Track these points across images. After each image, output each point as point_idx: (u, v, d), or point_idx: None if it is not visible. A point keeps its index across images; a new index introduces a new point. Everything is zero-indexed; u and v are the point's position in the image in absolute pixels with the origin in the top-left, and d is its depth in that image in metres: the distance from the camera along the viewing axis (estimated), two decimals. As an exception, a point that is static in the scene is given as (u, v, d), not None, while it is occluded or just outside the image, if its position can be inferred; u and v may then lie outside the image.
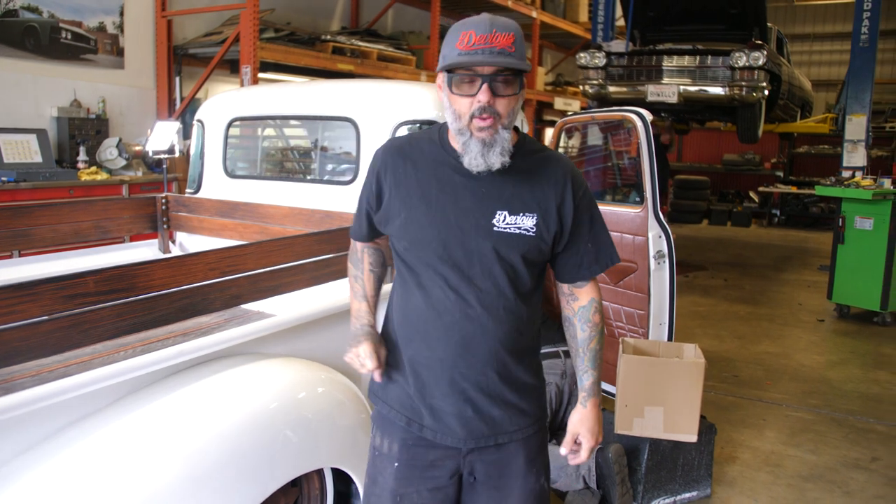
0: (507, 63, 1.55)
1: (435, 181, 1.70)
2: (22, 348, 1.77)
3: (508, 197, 1.67)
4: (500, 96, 1.58)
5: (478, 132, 1.60)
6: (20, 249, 3.41)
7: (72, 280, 1.92)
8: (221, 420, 1.93)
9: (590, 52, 8.30)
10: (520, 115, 3.78)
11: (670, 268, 3.70)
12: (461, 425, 1.73)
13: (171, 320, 2.18)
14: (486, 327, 1.68)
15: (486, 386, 1.71)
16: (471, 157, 1.62)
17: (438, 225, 1.67)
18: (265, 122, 3.96)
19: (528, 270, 1.71)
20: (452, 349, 1.69)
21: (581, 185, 1.75)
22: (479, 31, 1.55)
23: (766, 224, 14.08)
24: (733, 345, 5.95)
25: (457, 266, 1.66)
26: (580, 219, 1.74)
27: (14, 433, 1.71)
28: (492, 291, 1.67)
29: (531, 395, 1.79)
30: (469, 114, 1.59)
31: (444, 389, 1.72)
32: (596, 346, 1.81)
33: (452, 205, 1.67)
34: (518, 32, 1.60)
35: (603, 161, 5.81)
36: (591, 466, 3.13)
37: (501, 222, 1.66)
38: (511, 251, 1.67)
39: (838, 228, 6.82)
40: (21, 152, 5.76)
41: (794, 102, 10.18)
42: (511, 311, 1.70)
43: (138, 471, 1.74)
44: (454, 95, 1.61)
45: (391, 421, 1.81)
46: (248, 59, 6.75)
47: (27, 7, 6.26)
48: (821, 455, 3.92)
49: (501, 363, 1.71)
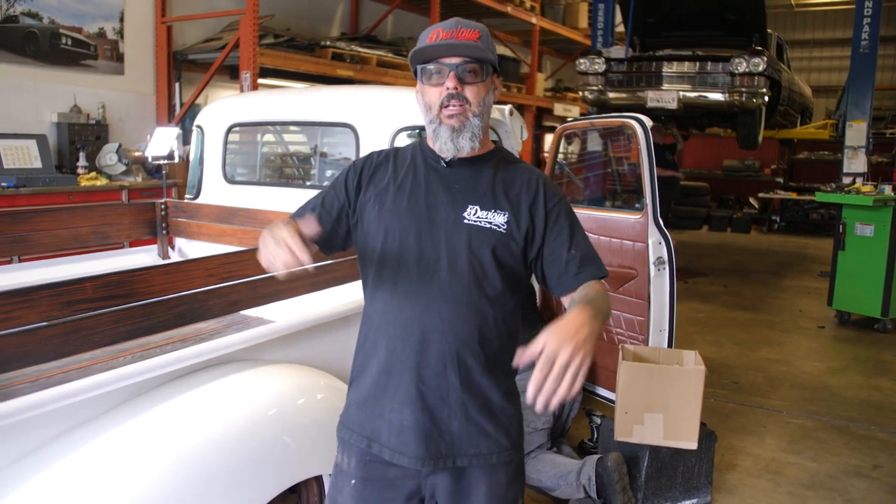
0: (469, 50, 1.63)
1: (411, 177, 1.73)
2: (20, 354, 1.77)
3: (481, 194, 1.69)
4: (468, 84, 1.65)
5: (447, 119, 1.65)
6: (19, 255, 3.41)
7: (70, 286, 1.92)
8: (220, 426, 1.92)
9: (589, 58, 8.32)
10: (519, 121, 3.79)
11: (670, 274, 3.69)
12: (418, 440, 1.65)
13: (170, 326, 2.18)
14: (448, 322, 1.64)
15: (447, 391, 1.65)
16: (441, 143, 1.67)
17: (410, 217, 1.68)
18: (265, 127, 3.96)
19: (498, 271, 1.67)
20: (412, 346, 1.65)
21: (555, 193, 1.75)
22: (446, 28, 1.66)
23: (765, 230, 14.08)
24: (733, 351, 5.94)
25: (423, 259, 1.66)
26: (557, 226, 1.71)
27: (12, 439, 1.70)
28: (456, 285, 1.65)
29: (499, 419, 1.70)
30: (439, 103, 1.65)
31: (403, 397, 1.66)
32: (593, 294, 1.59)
33: (424, 198, 1.69)
34: (484, 31, 1.67)
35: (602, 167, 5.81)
36: (591, 476, 3.12)
37: (472, 216, 1.67)
38: (480, 245, 1.65)
39: (839, 235, 6.81)
40: (21, 158, 5.76)
41: (795, 108, 10.18)
42: (475, 308, 1.65)
43: (136, 477, 1.73)
44: (425, 87, 1.68)
45: (352, 443, 1.76)
46: (247, 65, 6.76)
47: (28, 13, 6.27)
48: (822, 462, 3.91)
49: (464, 368, 1.65)
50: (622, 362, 3.24)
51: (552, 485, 3.23)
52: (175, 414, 1.91)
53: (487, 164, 1.73)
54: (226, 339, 2.12)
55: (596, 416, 3.73)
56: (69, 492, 1.67)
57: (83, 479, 1.70)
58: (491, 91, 1.71)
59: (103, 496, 1.68)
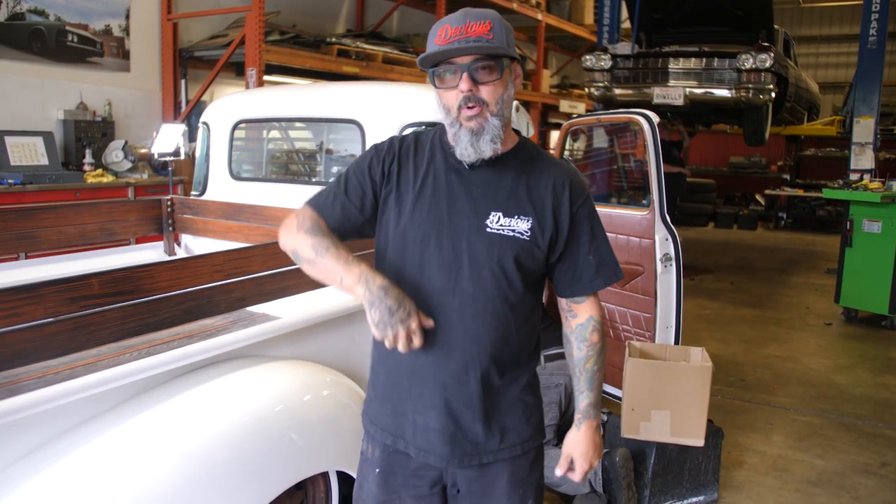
0: (481, 48, 1.54)
1: (432, 180, 1.67)
2: (27, 350, 1.77)
3: (504, 199, 1.64)
4: (483, 83, 1.57)
5: (466, 122, 1.58)
6: (26, 251, 3.41)
7: (77, 282, 1.92)
8: (226, 422, 1.92)
9: (595, 55, 8.29)
10: (525, 118, 3.78)
11: (677, 271, 3.68)
12: (444, 442, 1.66)
13: (176, 322, 2.18)
14: (470, 332, 1.61)
15: (470, 398, 1.64)
16: (462, 147, 1.60)
17: (431, 223, 1.63)
18: (270, 124, 3.96)
19: (521, 277, 1.64)
20: (434, 356, 1.62)
21: (581, 193, 1.70)
22: (455, 23, 1.56)
23: (772, 227, 14.03)
24: (740, 348, 5.92)
25: (446, 266, 1.61)
26: (579, 228, 1.69)
27: (19, 435, 1.70)
28: (479, 295, 1.61)
29: (520, 412, 1.72)
30: (457, 106, 1.58)
31: (426, 402, 1.65)
32: (593, 367, 1.74)
33: (446, 204, 1.64)
34: (496, 20, 1.58)
35: (609, 164, 5.80)
36: (597, 471, 3.11)
37: (495, 223, 1.62)
38: (504, 254, 1.61)
39: (846, 232, 6.78)
40: (28, 155, 5.77)
41: (801, 105, 10.14)
42: (498, 316, 1.63)
43: (143, 473, 1.73)
44: (440, 90, 1.61)
45: (376, 437, 1.77)
46: (253, 62, 6.76)
47: (34, 10, 6.28)
48: (829, 460, 3.89)
49: (486, 374, 1.64)
50: (629, 359, 3.23)
51: (558, 480, 3.21)
52: (181, 410, 1.91)
53: (511, 163, 1.67)
54: (232, 335, 2.12)
55: (602, 413, 3.72)
56: (77, 488, 1.68)
57: (90, 475, 1.70)
58: (510, 84, 1.63)
59: (110, 492, 1.68)
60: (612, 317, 3.84)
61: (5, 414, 1.59)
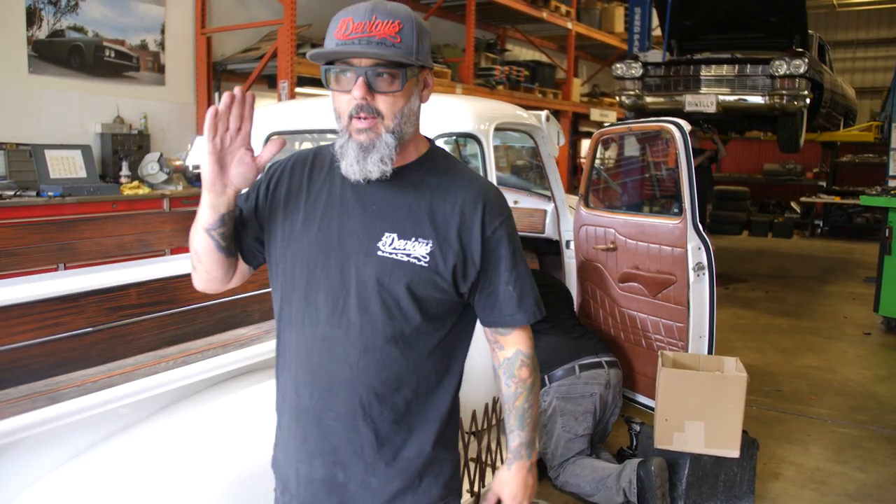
0: (380, 54, 1.33)
1: (326, 195, 1.47)
2: (68, 359, 1.81)
3: (401, 218, 1.42)
4: (380, 93, 1.36)
5: (356, 134, 1.37)
6: (65, 262, 3.49)
7: (115, 292, 1.96)
8: (260, 431, 1.94)
9: (626, 63, 8.25)
10: (556, 127, 3.76)
11: (710, 280, 3.64)
12: (331, 493, 1.46)
13: (211, 332, 2.21)
14: (357, 370, 1.41)
15: (360, 447, 1.44)
16: (347, 163, 1.39)
17: (319, 245, 1.44)
18: (302, 136, 4.00)
19: (418, 308, 1.42)
20: (320, 395, 1.43)
21: (497, 214, 1.47)
22: (358, 18, 1.35)
23: (808, 235, 13.81)
24: (776, 358, 5.82)
25: (333, 294, 1.42)
26: (496, 254, 1.47)
27: (60, 442, 1.74)
28: (367, 329, 1.41)
29: (429, 470, 1.49)
30: (348, 113, 1.37)
31: (311, 448, 1.46)
32: (524, 405, 1.55)
33: (338, 223, 1.44)
34: (408, 20, 1.37)
35: (640, 172, 5.77)
36: (632, 479, 3.08)
37: (388, 246, 1.41)
38: (395, 281, 1.40)
39: (885, 239, 6.65)
40: (66, 168, 5.90)
41: (837, 111, 9.98)
42: (388, 354, 1.42)
43: (179, 481, 1.76)
44: (334, 92, 1.40)
45: (275, 480, 1.61)
46: (285, 74, 6.84)
47: (73, 27, 6.45)
48: (869, 473, 3.81)
49: (378, 421, 1.43)
50: (662, 369, 3.20)
51: (591, 490, 3.20)
52: (216, 419, 1.94)
53: (415, 177, 1.46)
54: (265, 345, 2.15)
55: (635, 424, 3.69)
56: (115, 494, 1.70)
57: (128, 482, 1.73)
58: (415, 96, 1.42)
59: (146, 499, 1.71)
60: (644, 326, 3.81)
61: (47, 422, 1.63)
